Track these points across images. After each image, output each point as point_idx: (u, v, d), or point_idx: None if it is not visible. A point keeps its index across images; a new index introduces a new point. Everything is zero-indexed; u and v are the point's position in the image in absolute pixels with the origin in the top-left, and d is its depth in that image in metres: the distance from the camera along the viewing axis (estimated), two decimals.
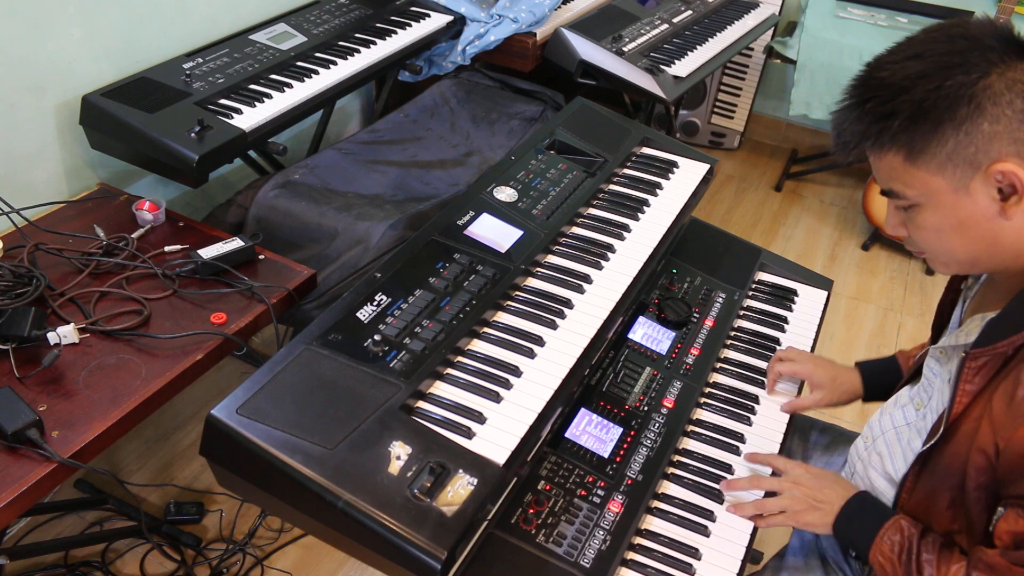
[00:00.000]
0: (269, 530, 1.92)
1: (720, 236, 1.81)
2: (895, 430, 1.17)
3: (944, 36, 0.90)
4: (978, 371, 0.97)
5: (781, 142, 3.87)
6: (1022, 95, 0.86)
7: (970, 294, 1.13)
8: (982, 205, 0.91)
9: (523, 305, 1.32)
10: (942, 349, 1.09)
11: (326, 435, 1.02)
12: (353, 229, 1.76)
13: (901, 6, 3.27)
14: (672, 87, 2.39)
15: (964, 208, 0.92)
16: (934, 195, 0.93)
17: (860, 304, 2.93)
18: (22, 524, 1.86)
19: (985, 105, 0.87)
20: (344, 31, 2.16)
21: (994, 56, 0.87)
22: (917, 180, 0.93)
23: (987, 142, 0.87)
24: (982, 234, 0.93)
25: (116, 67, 1.83)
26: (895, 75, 0.90)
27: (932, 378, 1.13)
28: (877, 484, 1.17)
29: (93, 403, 1.26)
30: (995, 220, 0.91)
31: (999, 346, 0.95)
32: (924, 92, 0.88)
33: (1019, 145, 0.87)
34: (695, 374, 1.43)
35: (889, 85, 0.90)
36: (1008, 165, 0.87)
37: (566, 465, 1.22)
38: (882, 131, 0.91)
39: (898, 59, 0.91)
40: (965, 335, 1.04)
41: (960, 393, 0.99)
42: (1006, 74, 0.87)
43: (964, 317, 1.11)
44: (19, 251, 1.50)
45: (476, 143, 2.22)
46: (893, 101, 0.90)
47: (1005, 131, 0.87)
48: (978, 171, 0.89)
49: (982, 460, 0.96)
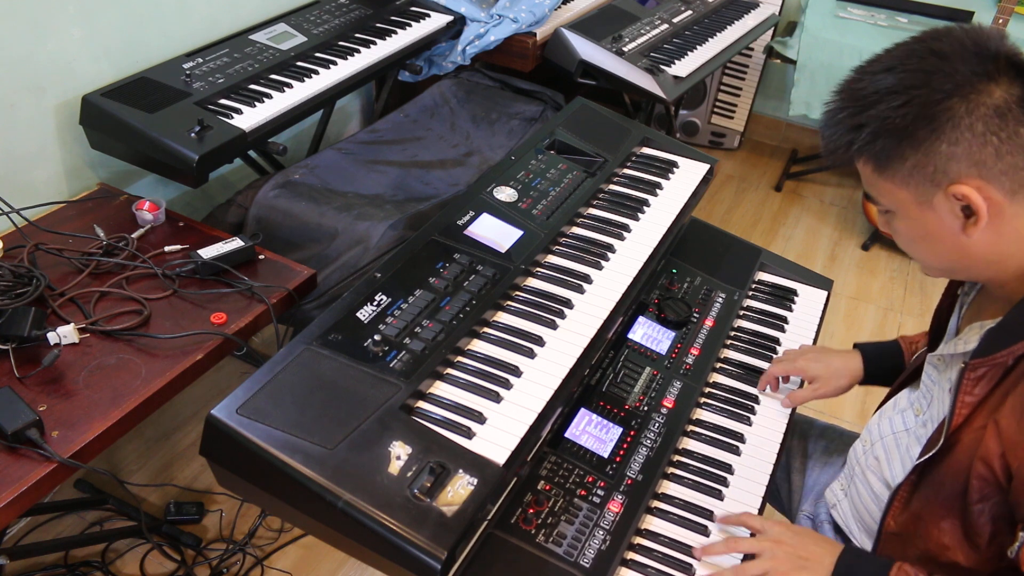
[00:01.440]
0: (269, 530, 1.92)
1: (720, 236, 1.81)
2: (894, 435, 1.16)
3: (921, 51, 0.90)
4: (978, 382, 0.97)
5: (781, 142, 3.87)
6: (984, 119, 0.86)
7: (967, 300, 1.12)
8: (946, 221, 0.92)
9: (523, 305, 1.32)
10: (940, 357, 1.09)
11: (326, 435, 1.02)
12: (353, 229, 1.76)
13: (901, 6, 3.27)
14: (672, 87, 2.39)
15: (930, 221, 0.93)
16: (902, 206, 0.94)
17: (860, 304, 2.93)
18: (22, 524, 1.86)
19: (944, 128, 0.87)
20: (344, 31, 2.16)
21: (961, 78, 0.87)
22: (886, 190, 0.95)
23: (945, 163, 0.88)
24: (950, 246, 0.94)
25: (116, 67, 1.83)
26: (867, 88, 0.92)
27: (931, 385, 1.12)
28: (875, 487, 1.17)
29: (93, 403, 1.26)
30: (959, 235, 0.92)
31: (998, 356, 0.94)
32: (888, 109, 0.89)
33: (981, 167, 0.87)
34: (695, 374, 1.43)
35: (862, 97, 0.92)
36: (963, 188, 0.88)
37: (566, 465, 1.22)
38: (851, 142, 0.93)
39: (875, 70, 0.92)
40: (964, 344, 1.03)
41: (960, 404, 0.98)
42: (969, 97, 0.86)
43: (962, 324, 1.10)
44: (19, 251, 1.50)
45: (476, 143, 2.22)
46: (862, 114, 0.91)
47: (964, 153, 0.87)
48: (938, 189, 0.90)
49: (986, 471, 0.95)
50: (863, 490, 1.19)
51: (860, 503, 1.20)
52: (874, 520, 1.16)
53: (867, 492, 1.18)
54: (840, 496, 1.27)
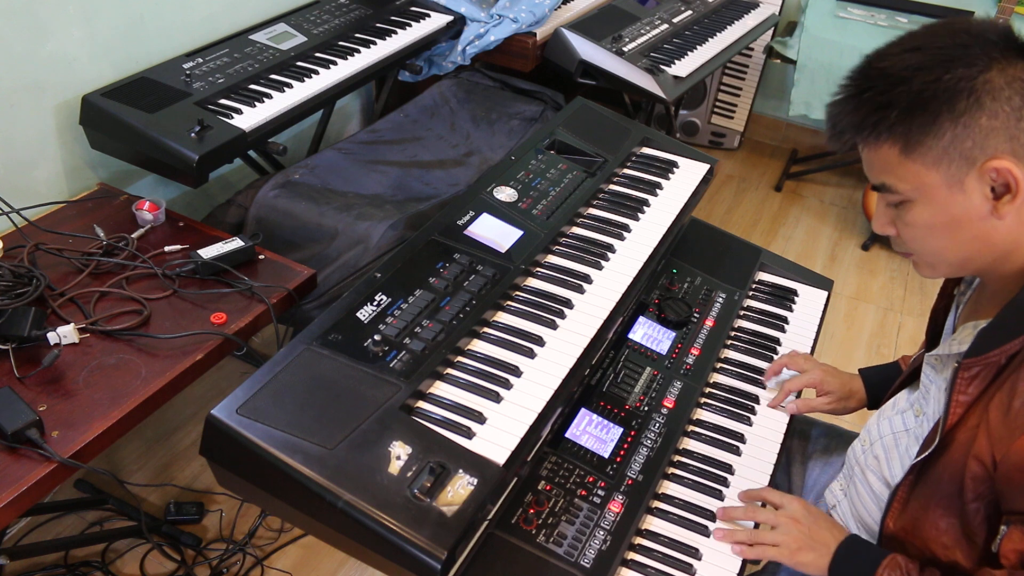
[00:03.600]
0: (269, 530, 1.92)
1: (720, 236, 1.81)
2: (893, 435, 1.16)
3: (946, 31, 0.90)
4: (971, 381, 0.96)
5: (781, 142, 3.87)
6: (1020, 92, 0.86)
7: (963, 299, 1.12)
8: (975, 203, 0.90)
9: (523, 305, 1.32)
10: (937, 357, 1.09)
11: (326, 435, 1.02)
12: (353, 229, 1.76)
13: (901, 6, 3.27)
14: (672, 87, 2.39)
15: (957, 205, 0.91)
16: (928, 190, 0.92)
17: (860, 304, 2.93)
18: (22, 524, 1.86)
19: (984, 99, 0.86)
20: (344, 31, 2.16)
21: (996, 52, 0.87)
22: (911, 174, 0.91)
23: (984, 137, 0.87)
24: (974, 233, 0.93)
25: (116, 67, 1.83)
26: (895, 66, 0.89)
27: (928, 385, 1.12)
28: (875, 487, 1.16)
29: (93, 403, 1.26)
30: (987, 219, 0.91)
31: (991, 355, 0.94)
32: (923, 83, 0.87)
33: (1014, 143, 0.87)
34: (695, 374, 1.43)
35: (888, 75, 0.90)
36: (1003, 162, 0.87)
37: (566, 465, 1.22)
38: (879, 121, 0.90)
39: (899, 51, 0.90)
40: (958, 344, 1.03)
41: (954, 404, 0.98)
42: (1007, 70, 0.86)
43: (957, 324, 1.10)
44: (19, 251, 1.50)
45: (476, 143, 2.22)
46: (891, 91, 0.89)
47: (1002, 127, 0.86)
48: (973, 167, 0.88)
49: (980, 470, 0.95)
50: (863, 490, 1.19)
51: (860, 503, 1.20)
52: (874, 520, 1.16)
53: (867, 492, 1.18)
54: (840, 496, 1.27)
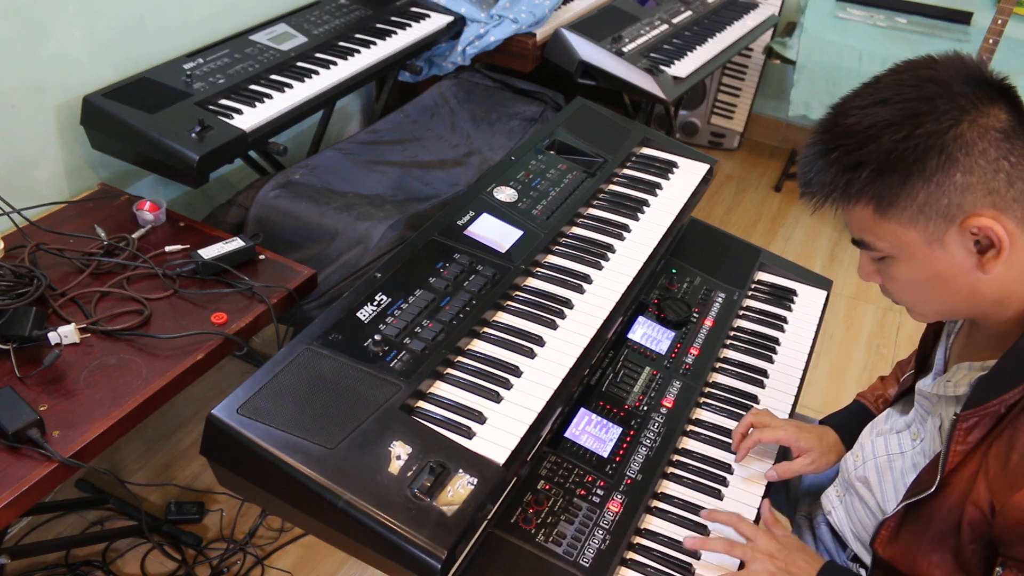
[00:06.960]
0: (269, 530, 1.93)
1: (720, 236, 1.81)
2: (887, 456, 1.13)
3: (913, 79, 0.85)
4: (970, 431, 0.92)
5: (781, 142, 3.87)
6: (995, 144, 0.82)
7: (953, 329, 1.09)
8: (958, 258, 0.87)
9: (523, 305, 1.32)
10: (928, 395, 1.06)
11: (326, 435, 1.02)
12: (353, 229, 1.76)
13: (900, 6, 3.28)
14: (672, 87, 2.40)
15: (939, 261, 0.88)
16: (907, 248, 0.88)
17: (860, 304, 2.94)
18: (23, 524, 1.86)
19: (957, 155, 0.82)
20: (344, 31, 2.16)
21: (965, 102, 0.83)
22: (888, 233, 0.88)
23: (960, 194, 0.83)
24: (959, 287, 0.89)
25: (117, 67, 1.83)
26: (861, 122, 0.85)
27: (924, 415, 1.09)
28: (869, 504, 1.14)
29: (94, 403, 1.26)
30: (973, 272, 0.87)
31: (990, 406, 0.90)
32: (892, 142, 0.83)
33: (995, 196, 0.83)
34: (695, 374, 1.44)
35: (855, 133, 0.85)
36: (983, 220, 0.83)
37: (566, 465, 1.22)
38: (849, 183, 0.87)
39: (864, 104, 0.86)
40: (953, 387, 1.00)
41: (952, 453, 0.94)
42: (978, 121, 0.82)
43: (949, 359, 1.07)
44: (20, 251, 1.50)
45: (476, 143, 2.22)
46: (860, 151, 0.85)
47: (979, 182, 0.82)
48: (952, 224, 0.85)
49: (978, 515, 0.92)
50: (857, 504, 1.16)
51: (855, 515, 1.18)
52: (867, 534, 1.14)
53: (861, 507, 1.15)
54: (836, 503, 1.25)
